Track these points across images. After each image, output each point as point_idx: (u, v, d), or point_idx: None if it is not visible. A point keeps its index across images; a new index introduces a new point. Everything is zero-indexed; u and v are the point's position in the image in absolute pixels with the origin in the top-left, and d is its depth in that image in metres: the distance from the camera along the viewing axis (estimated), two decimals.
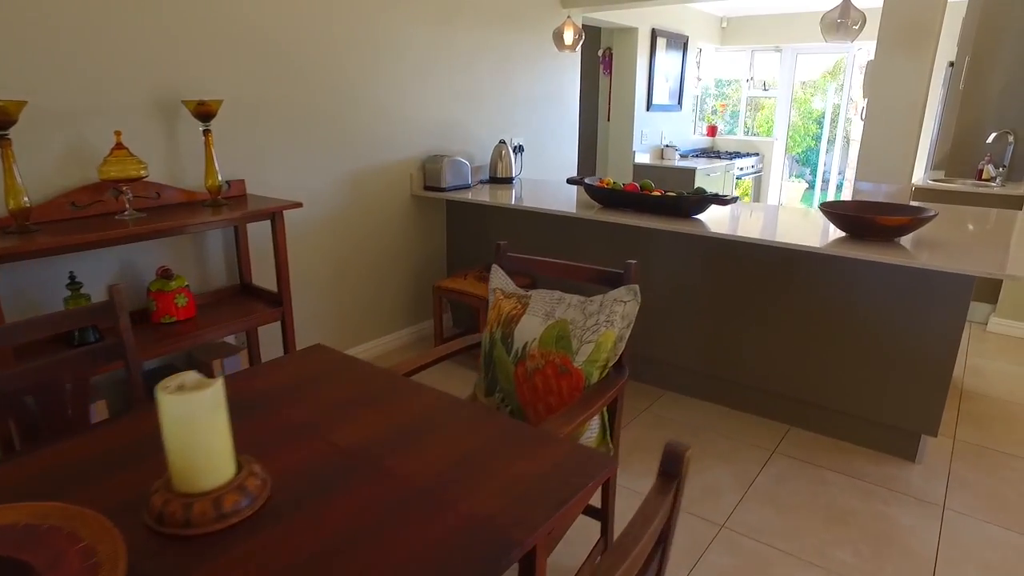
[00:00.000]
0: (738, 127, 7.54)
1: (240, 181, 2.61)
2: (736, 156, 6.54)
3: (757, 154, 6.87)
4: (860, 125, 4.00)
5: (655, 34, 5.47)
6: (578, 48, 3.79)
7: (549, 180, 3.96)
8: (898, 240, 2.31)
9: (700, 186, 2.96)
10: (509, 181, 3.68)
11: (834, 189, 7.42)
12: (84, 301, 2.12)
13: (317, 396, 1.34)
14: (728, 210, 2.86)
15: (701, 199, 2.60)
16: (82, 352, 1.41)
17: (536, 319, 1.55)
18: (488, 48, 3.66)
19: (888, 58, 3.22)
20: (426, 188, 3.38)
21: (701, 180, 5.62)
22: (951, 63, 4.63)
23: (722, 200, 2.57)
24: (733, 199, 2.58)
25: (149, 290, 2.33)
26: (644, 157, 5.75)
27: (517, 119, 4.01)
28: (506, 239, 3.33)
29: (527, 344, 1.54)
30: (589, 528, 1.99)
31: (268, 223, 2.73)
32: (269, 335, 2.86)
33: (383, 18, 3.04)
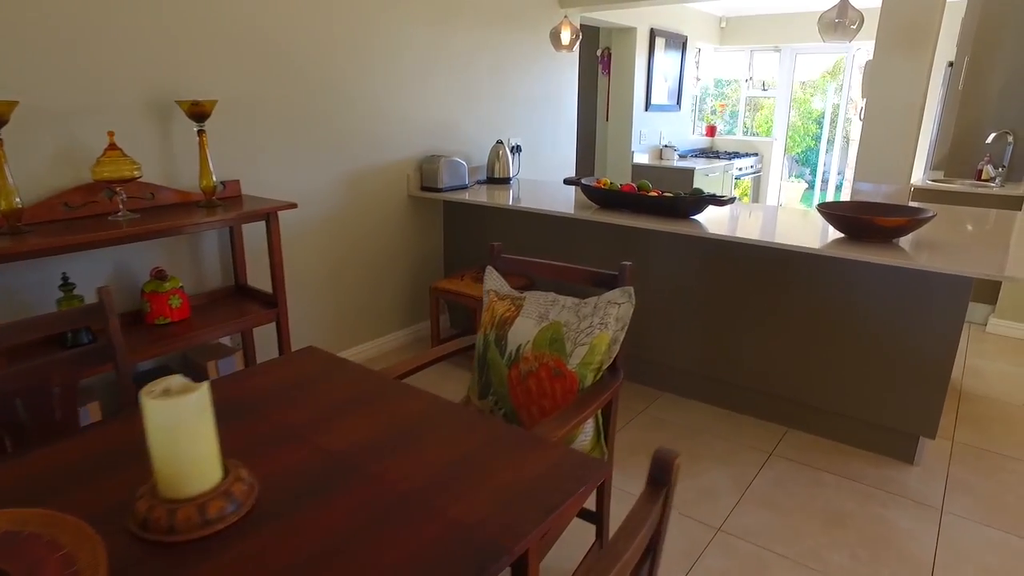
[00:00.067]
0: (737, 127, 7.53)
1: (235, 182, 2.59)
2: (735, 156, 6.53)
3: (756, 154, 6.86)
4: (860, 125, 3.98)
5: (654, 34, 5.46)
6: (576, 48, 3.78)
7: (547, 180, 3.94)
8: (896, 241, 2.29)
9: (698, 187, 2.95)
10: (507, 181, 3.67)
11: (833, 189, 7.41)
12: (77, 302, 2.11)
13: (308, 399, 1.33)
14: (726, 211, 2.85)
15: (698, 200, 2.58)
16: (71, 355, 1.40)
17: (530, 321, 1.54)
18: (486, 48, 3.64)
19: (887, 58, 3.20)
20: (423, 188, 3.36)
21: (700, 180, 5.61)
22: (950, 63, 4.62)
23: (719, 201, 2.56)
24: (730, 200, 2.56)
25: (143, 291, 2.31)
26: (643, 157, 5.74)
27: (515, 119, 4.00)
28: (503, 240, 3.32)
29: (521, 346, 1.53)
30: (585, 531, 1.98)
31: (263, 224, 2.72)
32: (265, 336, 2.85)
33: (380, 17, 3.03)
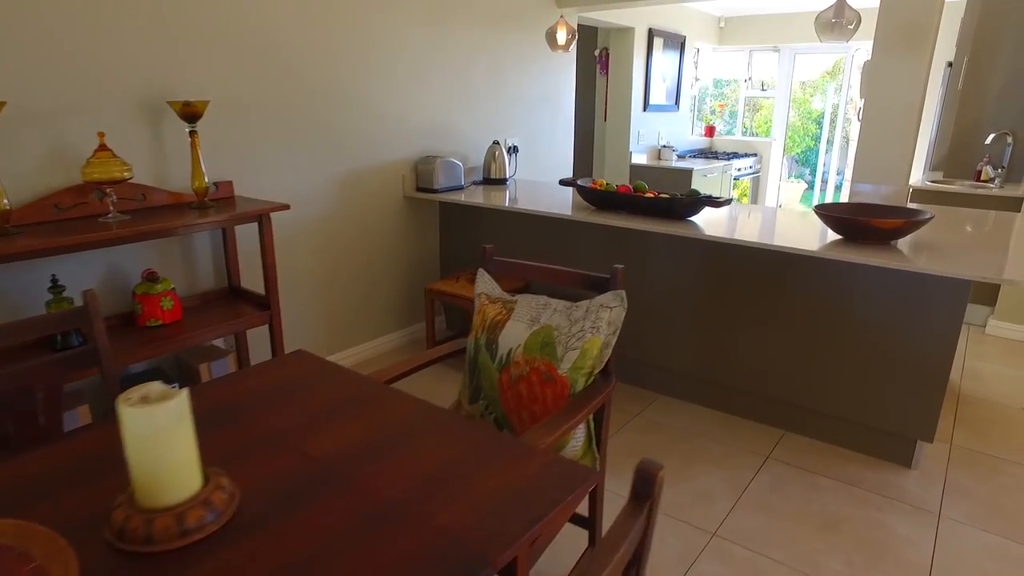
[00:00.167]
0: (736, 127, 7.51)
1: (228, 183, 2.57)
2: (734, 157, 6.50)
3: (755, 155, 6.84)
4: (859, 125, 3.96)
5: (652, 34, 5.44)
6: (573, 48, 3.76)
7: (544, 181, 3.92)
8: (895, 243, 2.27)
9: (694, 188, 2.93)
10: (503, 182, 3.65)
11: (832, 190, 7.39)
12: (67, 305, 2.09)
13: (295, 404, 1.31)
14: (723, 212, 2.83)
15: (694, 201, 2.56)
16: (55, 358, 1.38)
17: (521, 325, 1.52)
18: (483, 48, 3.62)
19: (885, 58, 3.18)
20: (419, 189, 3.34)
21: (698, 181, 5.58)
22: (949, 63, 4.60)
23: (716, 202, 2.54)
24: (727, 201, 2.54)
25: (134, 293, 2.30)
26: (641, 158, 5.72)
27: (512, 120, 3.98)
28: (499, 241, 3.30)
29: (511, 350, 1.51)
30: (578, 536, 1.95)
31: (257, 225, 2.69)
32: (259, 338, 2.83)
33: (376, 17, 3.01)
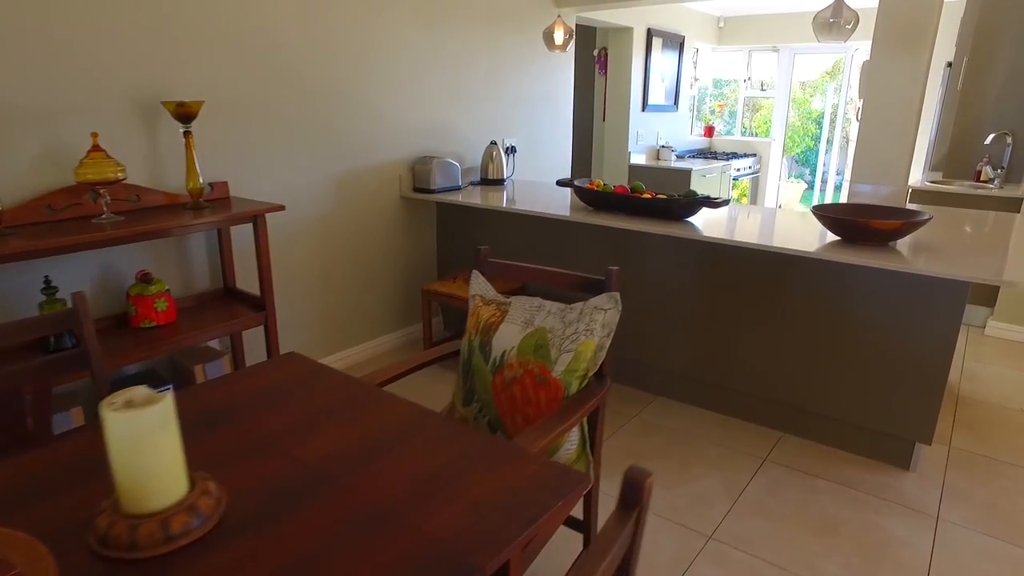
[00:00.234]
0: (736, 128, 7.49)
1: (223, 183, 2.56)
2: (733, 157, 6.49)
3: (754, 155, 6.82)
4: (858, 126, 3.94)
5: (651, 34, 5.42)
6: (572, 48, 3.75)
7: (542, 182, 3.91)
8: (893, 244, 2.26)
9: (692, 188, 2.91)
10: (500, 183, 3.64)
11: (832, 190, 7.37)
12: (59, 306, 2.08)
13: (285, 407, 1.30)
14: (720, 213, 2.82)
15: (691, 202, 2.55)
16: (44, 361, 1.37)
17: (515, 327, 1.51)
18: (480, 47, 3.61)
19: (884, 58, 3.17)
20: (415, 190, 3.33)
21: (697, 181, 5.57)
22: (949, 63, 4.58)
23: (713, 203, 2.52)
24: (724, 202, 2.53)
25: (128, 294, 2.28)
26: (640, 158, 5.70)
27: (510, 120, 3.96)
28: (496, 242, 3.29)
29: (505, 352, 1.50)
30: (574, 538, 1.94)
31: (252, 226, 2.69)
32: (254, 339, 2.82)
33: (372, 16, 2.99)
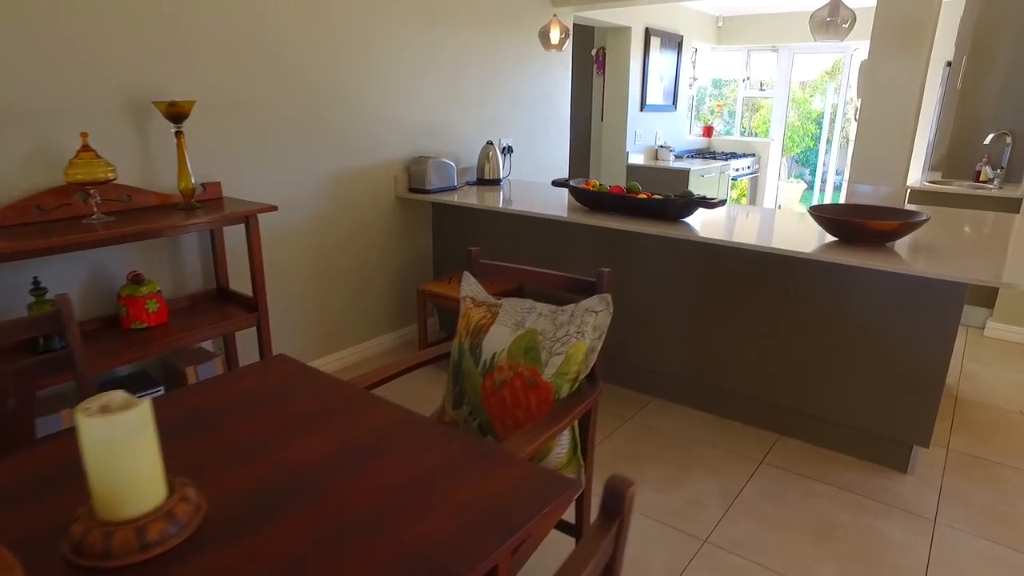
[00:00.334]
0: (735, 127, 7.47)
1: (216, 183, 2.54)
2: (732, 157, 6.47)
3: (753, 155, 6.80)
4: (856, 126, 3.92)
5: (649, 33, 5.40)
6: (566, 47, 3.72)
7: (539, 182, 3.89)
8: (891, 245, 2.24)
9: (688, 189, 2.89)
10: (497, 183, 3.62)
11: (831, 190, 7.35)
12: (48, 308, 2.06)
13: (271, 411, 1.28)
14: (717, 213, 2.79)
15: (687, 202, 2.53)
16: (28, 364, 1.35)
17: (505, 329, 1.49)
18: (476, 47, 3.59)
19: (882, 58, 3.15)
20: (411, 190, 3.31)
21: (695, 181, 5.55)
22: (948, 63, 4.56)
23: (709, 203, 2.50)
24: (720, 202, 2.51)
25: (119, 295, 2.27)
26: (638, 158, 5.68)
27: (506, 119, 3.94)
28: (492, 242, 3.27)
29: (495, 355, 1.48)
30: (568, 542, 1.92)
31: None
32: (248, 341, 2.80)
33: (367, 14, 2.97)
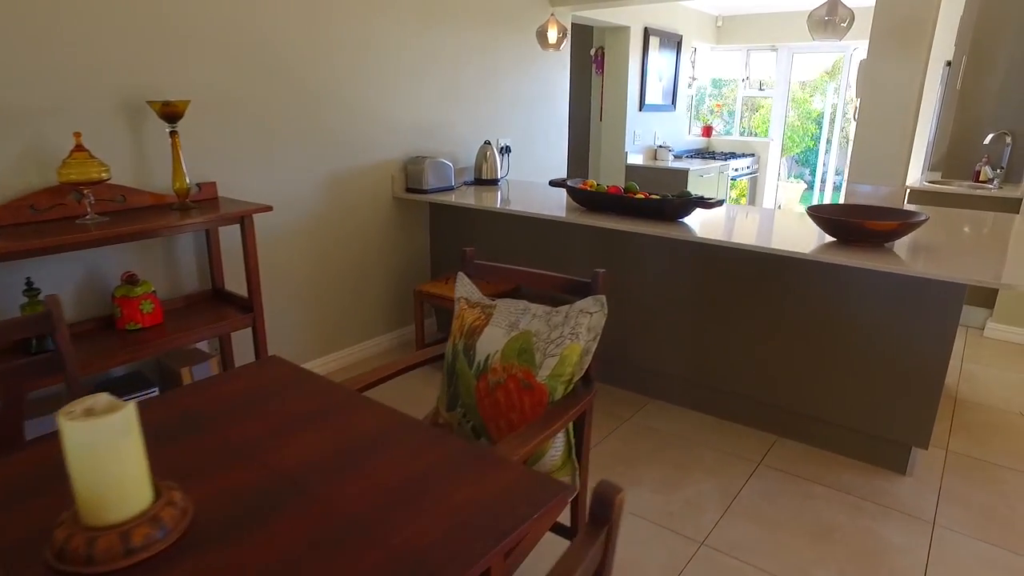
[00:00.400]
0: (734, 127, 7.45)
1: (212, 184, 2.53)
2: (731, 157, 6.45)
3: (753, 155, 6.78)
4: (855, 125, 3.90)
5: (648, 33, 5.39)
6: (564, 47, 3.71)
7: (537, 182, 3.88)
8: (890, 245, 2.22)
9: (686, 189, 2.88)
10: (494, 183, 3.60)
11: (831, 190, 7.34)
12: (41, 308, 2.05)
13: (262, 413, 1.27)
14: (715, 213, 2.78)
15: (685, 202, 2.52)
16: (15, 366, 1.34)
17: (499, 330, 1.48)
18: (475, 46, 3.58)
19: (881, 57, 3.13)
20: (408, 190, 3.30)
21: (694, 181, 5.54)
22: (948, 63, 4.54)
23: (706, 203, 2.49)
24: (718, 202, 2.50)
25: (114, 296, 2.26)
26: (637, 158, 5.67)
27: (504, 119, 3.93)
28: (489, 242, 3.26)
29: (489, 356, 1.46)
30: (563, 543, 1.91)
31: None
32: (244, 341, 2.79)
33: (364, 13, 2.96)
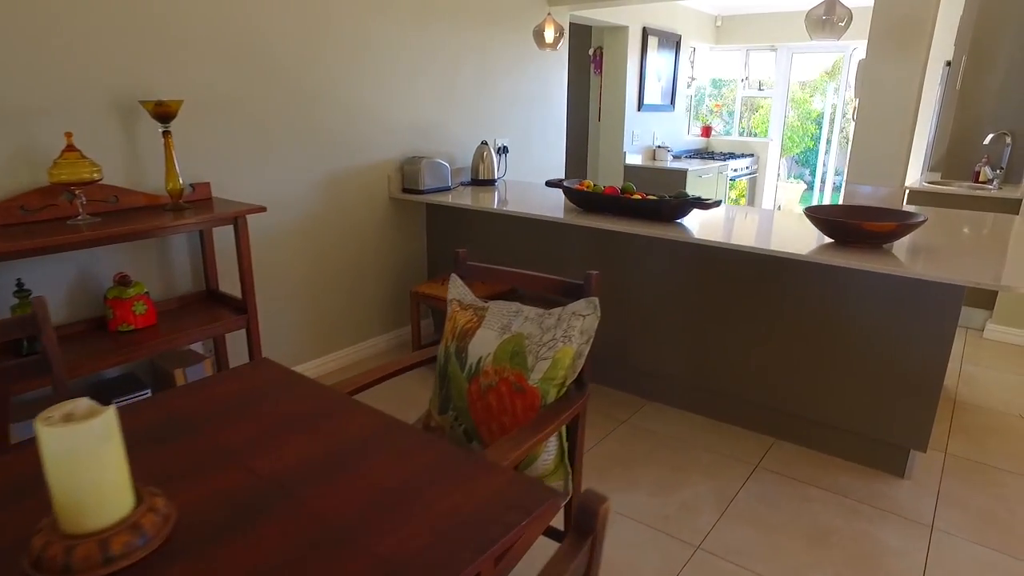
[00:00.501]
0: (733, 128, 7.44)
1: (205, 184, 2.51)
2: (730, 157, 6.43)
3: (752, 155, 6.76)
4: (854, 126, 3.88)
5: (646, 33, 5.37)
6: (561, 47, 3.69)
7: (534, 182, 3.86)
8: (889, 246, 2.21)
9: (683, 190, 2.86)
10: (491, 183, 3.59)
11: (831, 190, 7.32)
12: (31, 310, 2.03)
13: (250, 417, 1.25)
14: (713, 214, 2.76)
15: (682, 203, 2.50)
16: (1, 368, 1.32)
17: (491, 333, 1.46)
18: (471, 46, 3.56)
19: (880, 57, 3.12)
20: (404, 190, 3.28)
21: (693, 182, 5.52)
22: (948, 63, 4.52)
23: (703, 204, 2.47)
24: (715, 203, 2.48)
25: (106, 297, 2.24)
26: (635, 158, 5.65)
27: (501, 119, 3.91)
28: (486, 243, 3.24)
29: (481, 359, 1.45)
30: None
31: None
32: (239, 342, 2.77)
33: (361, 14, 2.94)
